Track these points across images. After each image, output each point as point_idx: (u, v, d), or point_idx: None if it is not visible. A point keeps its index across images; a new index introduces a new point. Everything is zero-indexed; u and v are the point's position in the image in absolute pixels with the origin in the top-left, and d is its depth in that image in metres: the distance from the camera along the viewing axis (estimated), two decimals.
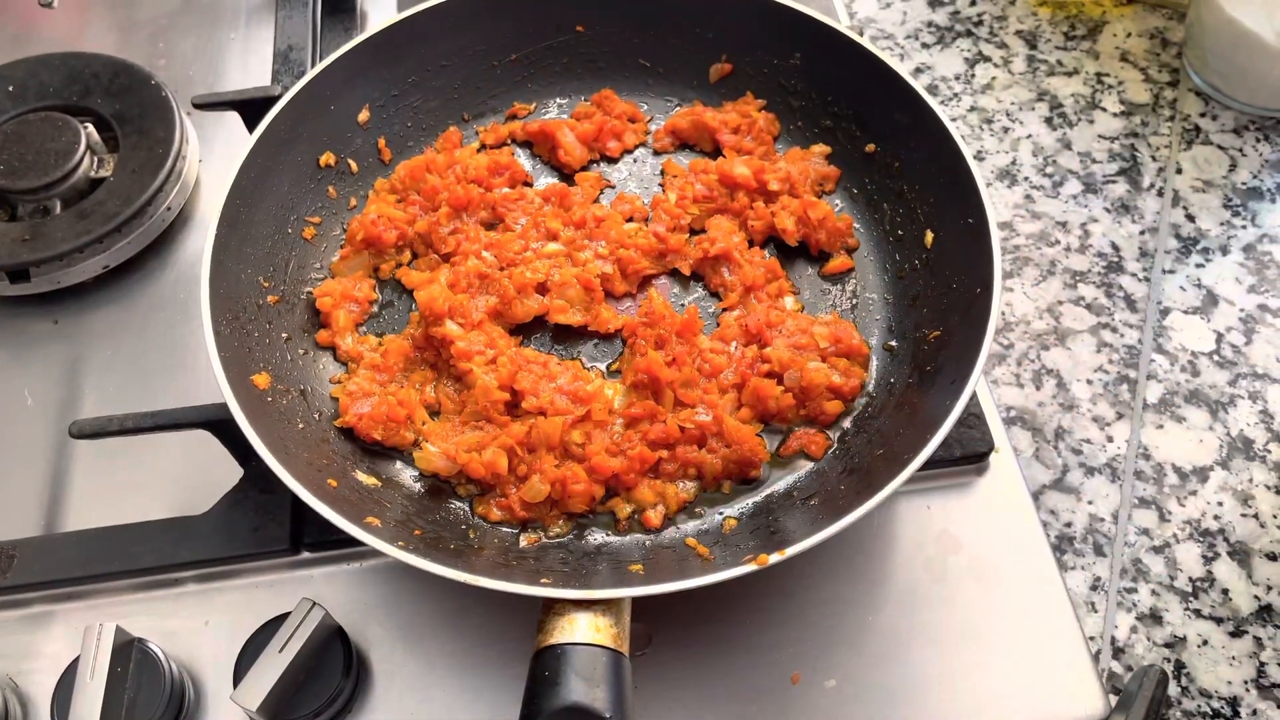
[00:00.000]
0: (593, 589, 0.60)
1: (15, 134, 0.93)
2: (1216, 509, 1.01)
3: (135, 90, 0.97)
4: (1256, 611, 0.96)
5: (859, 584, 0.74)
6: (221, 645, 0.71)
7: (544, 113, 0.95)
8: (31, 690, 0.71)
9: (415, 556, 0.62)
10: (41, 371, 0.87)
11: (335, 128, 0.88)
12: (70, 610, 0.74)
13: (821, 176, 0.88)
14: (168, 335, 0.88)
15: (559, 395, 0.75)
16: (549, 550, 0.71)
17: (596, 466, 0.72)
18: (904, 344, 0.79)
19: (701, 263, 0.84)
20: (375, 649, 0.72)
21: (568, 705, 0.55)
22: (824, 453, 0.75)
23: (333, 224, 0.87)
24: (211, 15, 1.12)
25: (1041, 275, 1.18)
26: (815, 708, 0.69)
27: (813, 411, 0.76)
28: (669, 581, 0.61)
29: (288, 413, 0.74)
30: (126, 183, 0.91)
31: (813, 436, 0.75)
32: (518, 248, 0.84)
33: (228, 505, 0.76)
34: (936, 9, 1.44)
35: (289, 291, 0.82)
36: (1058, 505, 1.02)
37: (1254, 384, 1.09)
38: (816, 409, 0.76)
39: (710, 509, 0.74)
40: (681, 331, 0.78)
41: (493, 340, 0.78)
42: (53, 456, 0.82)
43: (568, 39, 0.94)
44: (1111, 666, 0.94)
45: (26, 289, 0.89)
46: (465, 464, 0.72)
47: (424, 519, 0.71)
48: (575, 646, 0.58)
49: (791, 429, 0.76)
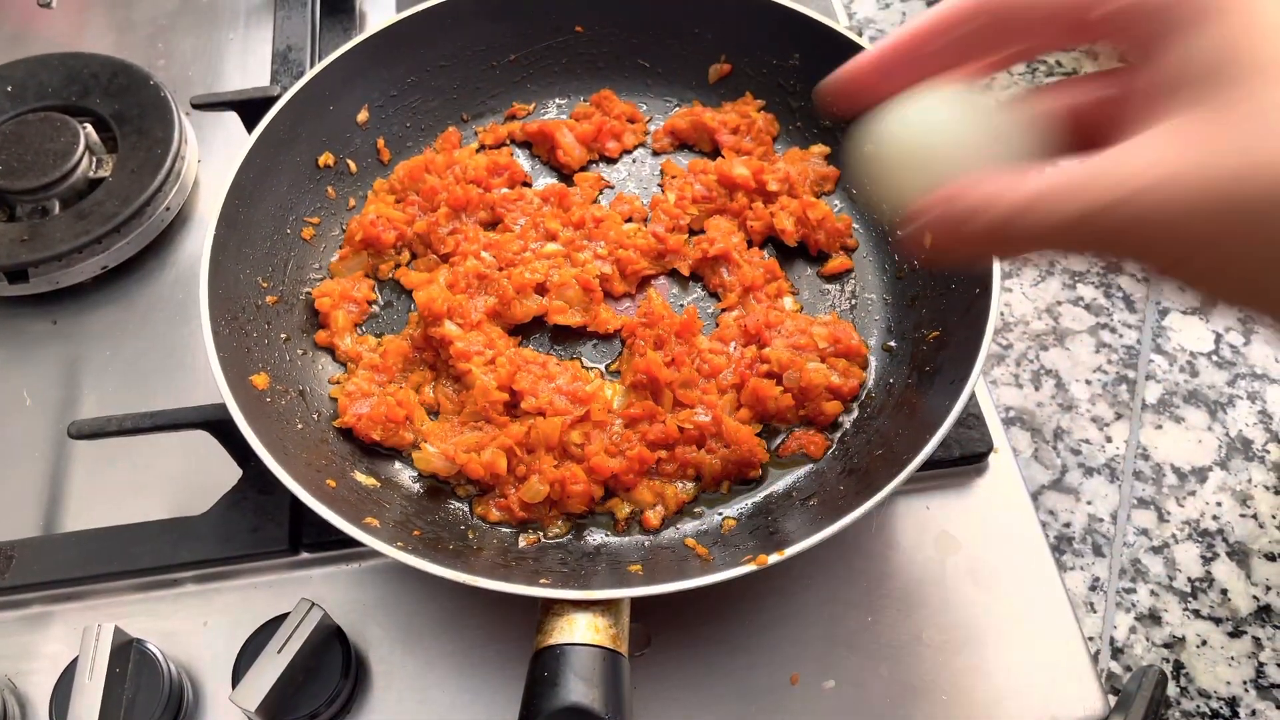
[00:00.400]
0: (591, 589, 0.60)
1: (14, 134, 0.93)
2: (1215, 509, 1.01)
3: (134, 90, 0.97)
4: (1255, 612, 0.96)
5: (858, 584, 0.74)
6: (220, 646, 0.71)
7: (543, 113, 0.95)
8: (30, 691, 0.71)
9: (414, 557, 0.62)
10: (40, 372, 0.87)
11: (334, 128, 0.88)
12: (69, 611, 0.74)
13: (821, 177, 0.88)
14: (167, 336, 0.88)
15: (558, 395, 0.75)
16: (548, 551, 0.71)
17: (595, 467, 0.72)
18: (903, 344, 0.79)
19: (700, 263, 0.84)
20: (374, 649, 0.72)
21: (566, 706, 0.55)
22: (823, 453, 0.75)
23: (332, 224, 0.87)
24: (210, 15, 1.12)
25: (1040, 275, 1.18)
26: (814, 708, 0.69)
27: (811, 412, 0.76)
28: (668, 582, 0.61)
29: (286, 413, 0.74)
30: (125, 183, 0.91)
31: (811, 437, 0.75)
32: (517, 248, 0.84)
33: (226, 506, 0.76)
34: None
35: (288, 292, 0.82)
36: (1057, 505, 1.02)
37: (1253, 384, 1.09)
38: (815, 409, 0.76)
39: (709, 510, 0.74)
40: (680, 332, 0.78)
41: (491, 340, 0.78)
42: (51, 457, 0.82)
43: (567, 39, 0.94)
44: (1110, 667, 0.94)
45: (25, 289, 0.89)
46: (464, 464, 0.72)
47: (423, 519, 0.71)
48: (574, 647, 0.58)
49: (791, 429, 0.76)
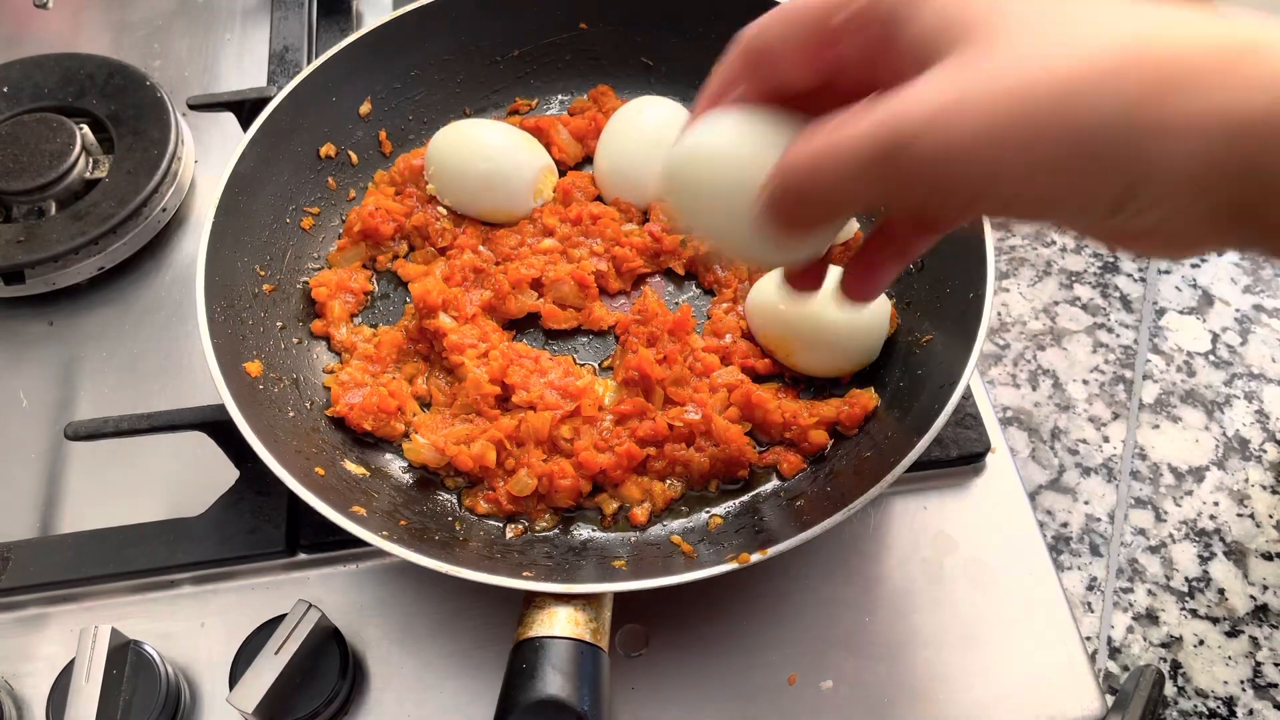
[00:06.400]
0: (575, 583, 0.61)
1: (10, 135, 0.93)
2: (1212, 509, 1.01)
3: (130, 91, 0.97)
4: (1252, 611, 0.96)
5: (855, 584, 0.74)
6: (217, 647, 0.71)
7: (545, 109, 0.95)
8: (26, 693, 0.70)
9: (399, 546, 0.62)
10: (36, 373, 0.87)
11: (336, 119, 0.88)
12: (65, 612, 0.74)
13: None
14: (163, 336, 0.88)
15: (549, 390, 0.75)
16: (534, 544, 0.71)
17: (584, 461, 0.72)
18: (896, 347, 0.79)
19: (694, 260, 0.84)
20: (372, 650, 0.72)
21: (543, 698, 0.55)
22: (795, 473, 0.74)
23: (331, 215, 0.87)
24: (207, 16, 1.12)
25: (1038, 275, 1.18)
26: (812, 708, 0.69)
27: (795, 436, 0.74)
28: (651, 578, 0.61)
29: (279, 400, 0.74)
30: (122, 184, 0.91)
31: (788, 457, 0.74)
32: (514, 243, 0.84)
33: (223, 507, 0.76)
34: None
35: (285, 281, 0.82)
36: (1054, 505, 1.03)
37: (1249, 384, 1.09)
38: (800, 435, 0.74)
39: (697, 507, 0.74)
40: (674, 329, 0.78)
41: (486, 334, 0.79)
42: (48, 458, 0.82)
43: (571, 36, 0.94)
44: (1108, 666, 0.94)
45: (21, 290, 0.89)
46: (454, 456, 0.72)
47: (411, 510, 0.71)
48: (553, 640, 0.58)
49: (772, 444, 0.75)
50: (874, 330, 0.76)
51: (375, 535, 0.62)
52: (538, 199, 0.86)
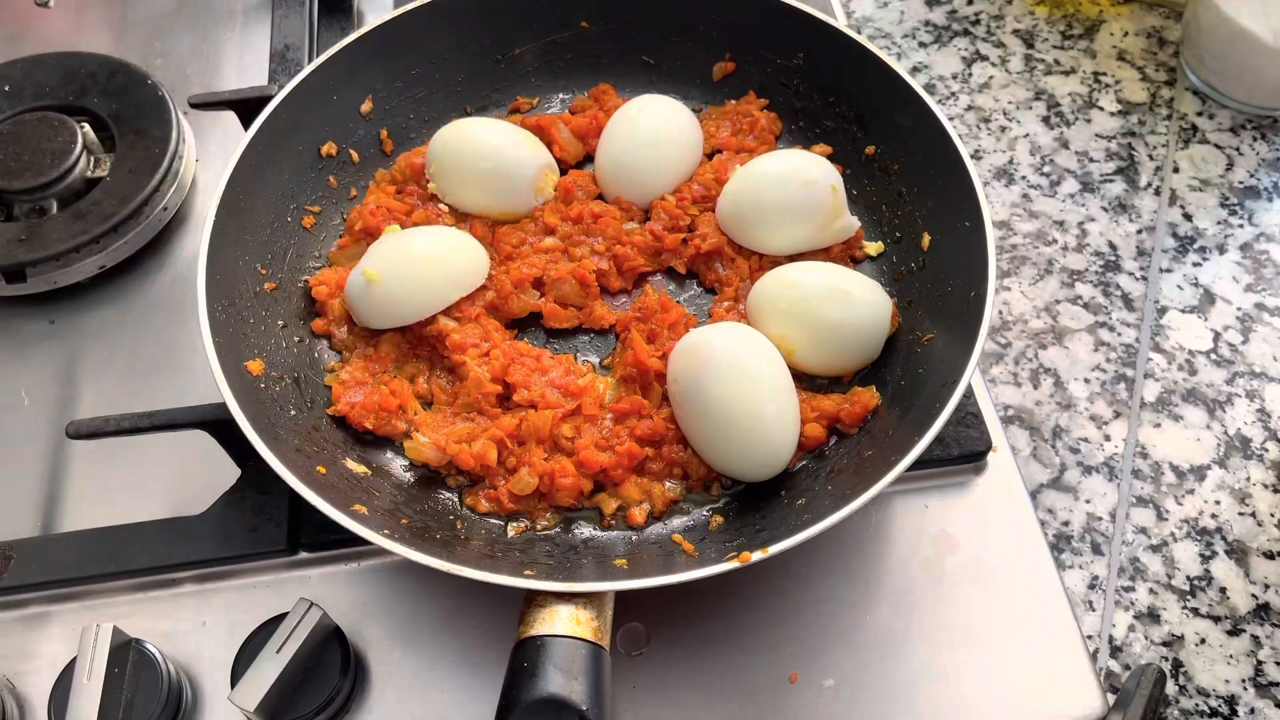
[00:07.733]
0: (577, 582, 0.61)
1: (11, 134, 0.93)
2: (1214, 507, 1.01)
3: (132, 90, 0.97)
4: (1254, 610, 0.96)
5: (857, 583, 0.74)
6: (219, 646, 0.71)
7: (547, 107, 0.95)
8: (28, 691, 0.71)
9: (401, 545, 0.62)
10: (38, 372, 0.87)
11: (338, 118, 0.88)
12: (67, 611, 0.74)
13: None
14: (164, 335, 0.88)
15: (550, 389, 0.75)
16: (535, 543, 0.71)
17: (585, 460, 0.72)
18: (897, 345, 0.79)
19: (695, 259, 0.84)
20: (373, 649, 0.72)
21: (544, 697, 0.55)
22: (793, 466, 0.74)
23: (332, 213, 0.88)
24: (208, 15, 1.12)
25: (1039, 274, 1.18)
26: (813, 707, 0.69)
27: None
28: (652, 576, 0.61)
29: (280, 399, 0.74)
30: (123, 183, 0.91)
31: None
32: (515, 241, 0.84)
33: (225, 506, 0.76)
34: (933, 8, 1.44)
35: (286, 279, 0.82)
36: (1055, 504, 1.02)
37: (1251, 383, 1.09)
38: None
39: (698, 506, 0.74)
40: (674, 326, 0.78)
41: (488, 333, 0.79)
42: (50, 457, 0.82)
43: (572, 35, 0.94)
44: (1109, 665, 0.94)
45: (23, 289, 0.89)
46: (455, 455, 0.72)
47: (412, 508, 0.71)
48: (555, 638, 0.58)
49: None
50: (875, 329, 0.76)
51: (377, 534, 0.62)
52: (539, 197, 0.86)
